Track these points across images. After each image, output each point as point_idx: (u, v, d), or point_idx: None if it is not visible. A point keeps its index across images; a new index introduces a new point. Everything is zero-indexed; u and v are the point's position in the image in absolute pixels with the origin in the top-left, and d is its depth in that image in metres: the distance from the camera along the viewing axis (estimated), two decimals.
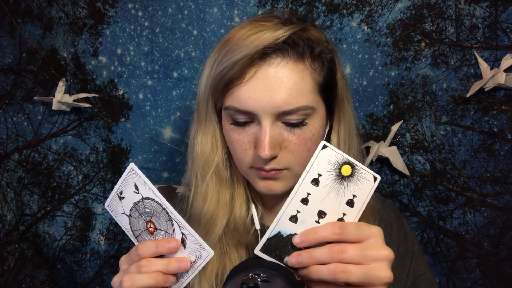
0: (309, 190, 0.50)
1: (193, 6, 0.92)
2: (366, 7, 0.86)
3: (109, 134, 1.01)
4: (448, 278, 0.92)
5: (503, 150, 0.84)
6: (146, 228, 0.55)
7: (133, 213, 0.55)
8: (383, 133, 0.91)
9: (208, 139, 0.64)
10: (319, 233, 0.49)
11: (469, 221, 0.88)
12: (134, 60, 0.96)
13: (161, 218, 0.53)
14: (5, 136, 1.03)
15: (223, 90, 0.58)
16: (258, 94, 0.55)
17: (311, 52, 0.58)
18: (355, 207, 0.50)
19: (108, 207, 0.57)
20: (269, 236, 0.51)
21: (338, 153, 0.50)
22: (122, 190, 0.55)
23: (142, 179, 0.52)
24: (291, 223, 0.51)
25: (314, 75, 0.58)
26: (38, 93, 1.01)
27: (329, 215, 0.51)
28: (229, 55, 0.57)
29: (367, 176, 0.50)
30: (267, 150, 0.55)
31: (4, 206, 1.05)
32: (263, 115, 0.56)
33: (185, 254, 0.53)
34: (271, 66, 0.56)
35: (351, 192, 0.50)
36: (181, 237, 0.52)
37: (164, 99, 0.97)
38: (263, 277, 0.45)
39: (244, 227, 0.66)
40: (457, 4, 0.82)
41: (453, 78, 0.85)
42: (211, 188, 0.65)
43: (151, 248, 0.52)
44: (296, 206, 0.51)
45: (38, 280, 1.08)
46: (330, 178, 0.50)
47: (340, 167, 0.50)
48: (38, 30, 0.98)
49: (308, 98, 0.57)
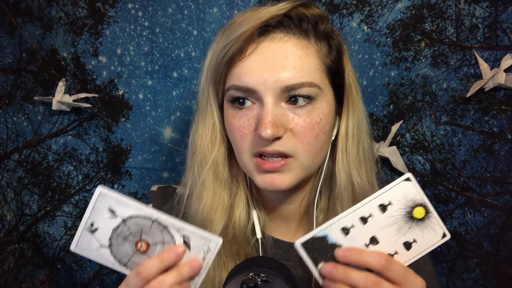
0: (373, 212, 0.48)
1: (193, 6, 0.92)
2: (366, 7, 0.86)
3: (109, 134, 1.01)
4: (448, 278, 0.92)
5: (503, 150, 0.84)
6: (137, 250, 0.49)
7: (114, 240, 0.49)
8: (383, 133, 0.91)
9: (207, 132, 0.62)
10: (364, 256, 0.47)
11: (469, 221, 0.88)
12: (134, 60, 0.96)
13: (153, 231, 0.48)
14: (5, 136, 1.03)
15: (225, 71, 0.56)
16: (259, 69, 0.53)
17: (315, 30, 0.56)
18: (411, 252, 0.48)
19: (77, 248, 0.49)
20: (315, 236, 0.49)
21: (419, 192, 0.47)
22: (92, 222, 0.48)
23: (118, 199, 0.47)
24: (341, 234, 0.48)
25: (320, 54, 0.56)
26: (38, 93, 1.01)
27: (380, 245, 0.48)
28: (231, 33, 0.55)
29: (437, 229, 0.48)
30: (269, 128, 0.51)
31: (4, 206, 1.05)
32: (265, 92, 0.53)
33: (192, 255, 0.49)
34: (273, 42, 0.54)
35: (413, 235, 0.48)
36: (183, 240, 0.49)
37: (164, 99, 0.97)
38: (263, 277, 0.45)
39: (244, 237, 0.64)
40: (457, 4, 0.82)
41: (453, 78, 0.85)
42: (207, 186, 0.62)
43: (156, 265, 0.47)
44: (353, 220, 0.48)
45: (38, 280, 1.08)
46: (399, 212, 0.48)
47: (414, 207, 0.48)
48: (38, 30, 0.98)
49: (313, 75, 0.54)
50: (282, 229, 0.67)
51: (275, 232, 0.67)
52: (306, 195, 0.65)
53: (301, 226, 0.68)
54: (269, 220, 0.67)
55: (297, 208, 0.66)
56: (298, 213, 0.66)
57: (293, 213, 0.66)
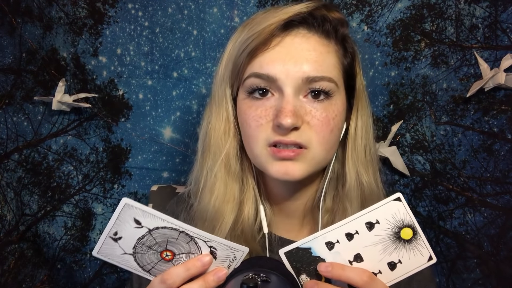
0: (359, 229, 0.47)
1: (193, 6, 0.92)
2: (366, 7, 0.86)
3: (109, 134, 1.01)
4: (448, 278, 0.92)
5: (503, 150, 0.84)
6: (162, 258, 0.49)
7: (139, 249, 0.49)
8: (383, 133, 0.91)
9: (221, 124, 0.62)
10: (346, 272, 0.47)
11: (469, 221, 0.88)
12: (134, 60, 0.96)
13: (180, 242, 0.48)
14: (5, 136, 1.03)
15: (245, 62, 0.57)
16: (282, 59, 0.54)
17: (336, 32, 0.58)
18: (394, 272, 0.48)
19: (99, 254, 0.49)
20: (300, 246, 0.48)
21: (408, 213, 0.47)
22: (116, 231, 0.47)
23: (144, 211, 0.46)
24: (325, 248, 0.48)
25: (339, 54, 0.59)
26: (38, 93, 1.01)
27: (364, 263, 0.48)
28: (254, 27, 0.56)
29: (423, 251, 0.47)
30: (290, 117, 0.52)
31: (4, 206, 1.05)
32: (286, 82, 0.54)
33: (216, 264, 0.50)
34: (297, 36, 0.56)
35: (399, 256, 0.48)
36: (210, 250, 0.49)
37: (164, 99, 0.97)
38: (263, 277, 0.45)
39: (252, 233, 0.64)
40: (457, 4, 0.82)
41: (453, 78, 0.85)
42: (219, 178, 0.62)
43: (181, 274, 0.47)
44: (338, 236, 0.48)
45: (38, 280, 1.08)
46: (386, 231, 0.47)
47: (402, 227, 0.47)
48: (38, 30, 0.98)
49: (332, 72, 0.56)
50: (286, 227, 0.68)
51: (279, 229, 0.68)
52: (312, 193, 0.66)
53: (304, 225, 0.68)
54: (273, 217, 0.68)
55: (302, 205, 0.66)
56: (303, 210, 0.67)
57: (298, 210, 0.67)
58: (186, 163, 1.00)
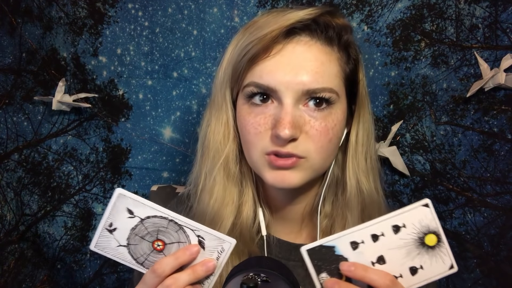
0: (385, 231, 0.47)
1: (193, 6, 0.92)
2: (366, 7, 0.86)
3: (109, 134, 1.01)
4: (448, 278, 0.92)
5: (503, 150, 0.84)
6: (154, 248, 0.51)
7: (132, 240, 0.50)
8: (383, 133, 0.91)
9: (220, 128, 0.61)
10: (369, 273, 0.47)
11: (469, 221, 0.88)
12: (134, 60, 0.96)
13: (169, 231, 0.50)
14: (5, 136, 1.03)
15: (245, 68, 0.56)
16: (282, 70, 0.53)
17: (339, 39, 0.57)
18: (415, 277, 0.48)
19: (96, 248, 0.50)
20: (323, 244, 0.48)
21: (435, 219, 0.47)
22: (111, 222, 0.49)
23: (136, 200, 0.48)
24: (349, 247, 0.48)
25: (341, 62, 0.57)
26: (38, 93, 1.01)
27: (387, 266, 0.48)
28: (255, 31, 0.55)
29: (446, 259, 0.48)
30: (288, 129, 0.51)
31: (4, 206, 1.05)
32: (286, 93, 0.53)
33: (206, 255, 0.51)
34: (298, 44, 0.55)
35: (421, 262, 0.48)
36: (198, 240, 0.50)
37: (164, 99, 0.97)
38: (263, 277, 0.45)
39: (250, 235, 0.64)
40: (457, 4, 0.82)
41: (453, 78, 0.85)
42: (218, 181, 0.62)
43: (170, 263, 0.48)
44: (363, 236, 0.48)
45: (38, 280, 1.08)
46: (411, 236, 0.47)
47: (427, 233, 0.47)
48: (38, 30, 0.98)
49: (334, 82, 0.55)
50: (285, 229, 0.68)
51: (277, 232, 0.67)
52: (311, 197, 0.65)
53: (303, 228, 0.68)
54: (272, 220, 0.67)
55: (301, 210, 0.66)
56: (301, 214, 0.66)
57: (297, 214, 0.66)
58: (186, 163, 1.00)
